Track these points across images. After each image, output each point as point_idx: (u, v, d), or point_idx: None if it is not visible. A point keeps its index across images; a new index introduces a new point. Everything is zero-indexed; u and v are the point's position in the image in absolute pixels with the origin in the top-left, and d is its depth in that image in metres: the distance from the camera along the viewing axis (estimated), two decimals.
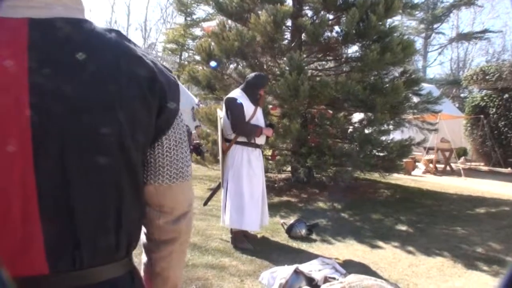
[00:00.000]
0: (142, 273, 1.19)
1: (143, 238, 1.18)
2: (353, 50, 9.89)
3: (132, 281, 1.08)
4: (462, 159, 15.01)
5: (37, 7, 0.94)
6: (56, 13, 0.95)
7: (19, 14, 0.92)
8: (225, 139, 5.23)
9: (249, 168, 5.11)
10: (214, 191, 5.88)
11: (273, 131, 5.49)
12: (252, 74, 5.46)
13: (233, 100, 5.11)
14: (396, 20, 15.07)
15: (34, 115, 0.88)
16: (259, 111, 5.27)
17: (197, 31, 32.50)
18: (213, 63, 8.82)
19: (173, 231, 1.15)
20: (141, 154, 1.03)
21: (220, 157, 5.29)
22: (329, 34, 9.05)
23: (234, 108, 5.05)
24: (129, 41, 1.05)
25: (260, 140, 5.28)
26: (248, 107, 5.09)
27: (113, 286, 1.01)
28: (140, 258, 1.21)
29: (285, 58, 8.33)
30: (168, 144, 1.08)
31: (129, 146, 0.98)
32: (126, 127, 0.96)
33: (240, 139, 5.12)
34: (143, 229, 1.16)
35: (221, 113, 5.38)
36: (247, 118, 5.07)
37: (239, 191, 5.07)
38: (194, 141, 15.35)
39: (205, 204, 6.09)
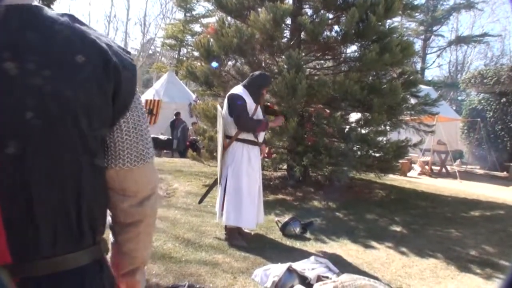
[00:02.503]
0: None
1: (109, 219, 1.18)
2: (352, 50, 9.86)
3: (101, 270, 1.08)
4: (458, 161, 15.07)
5: None
6: (8, 1, 0.94)
7: None
8: (226, 136, 5.22)
9: (249, 165, 5.12)
10: (210, 187, 5.87)
11: (283, 118, 5.45)
12: (257, 73, 5.45)
13: (237, 96, 5.09)
14: (395, 21, 15.12)
15: None
16: (260, 111, 5.27)
17: (196, 27, 32.53)
18: (214, 64, 8.78)
19: (138, 214, 1.15)
20: (100, 138, 1.03)
21: (219, 153, 5.27)
22: (328, 33, 9.02)
23: (238, 105, 5.03)
24: (83, 24, 1.04)
25: (261, 138, 5.29)
26: (250, 105, 5.08)
27: (81, 274, 1.01)
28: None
29: (283, 56, 8.32)
30: (126, 127, 1.08)
31: (86, 131, 0.97)
32: (82, 112, 0.95)
33: (241, 136, 5.12)
34: (109, 212, 1.16)
35: (221, 109, 5.35)
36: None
37: (238, 188, 5.07)
38: (191, 137, 15.34)
39: (200, 202, 6.09)
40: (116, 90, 1.01)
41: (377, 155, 8.70)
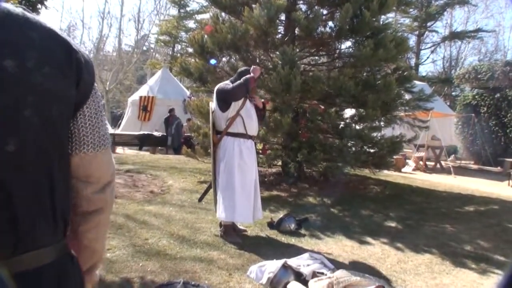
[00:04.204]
0: None
1: None
2: (346, 45, 9.86)
3: (72, 262, 1.10)
4: (452, 157, 15.11)
5: None
6: None
7: None
8: (216, 131, 5.22)
9: (240, 159, 5.11)
10: (210, 186, 5.84)
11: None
12: (242, 68, 5.54)
13: (222, 84, 5.22)
14: (390, 17, 15.10)
15: None
16: (249, 103, 5.26)
17: (190, 23, 32.46)
18: (212, 61, 8.75)
19: (100, 201, 1.18)
20: (66, 127, 1.06)
21: (211, 149, 5.27)
22: (322, 29, 9.02)
23: (221, 86, 5.16)
24: (37, 16, 1.03)
25: (252, 131, 5.27)
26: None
27: (55, 268, 1.02)
28: None
29: (278, 52, 8.29)
30: (89, 113, 1.11)
31: (53, 120, 0.99)
32: (46, 101, 0.97)
33: (231, 129, 5.12)
34: None
35: (213, 105, 5.36)
36: (236, 109, 5.10)
37: (231, 183, 5.06)
38: (185, 134, 15.30)
39: (200, 200, 6.10)
40: (78, 79, 1.03)
41: (372, 150, 8.72)
